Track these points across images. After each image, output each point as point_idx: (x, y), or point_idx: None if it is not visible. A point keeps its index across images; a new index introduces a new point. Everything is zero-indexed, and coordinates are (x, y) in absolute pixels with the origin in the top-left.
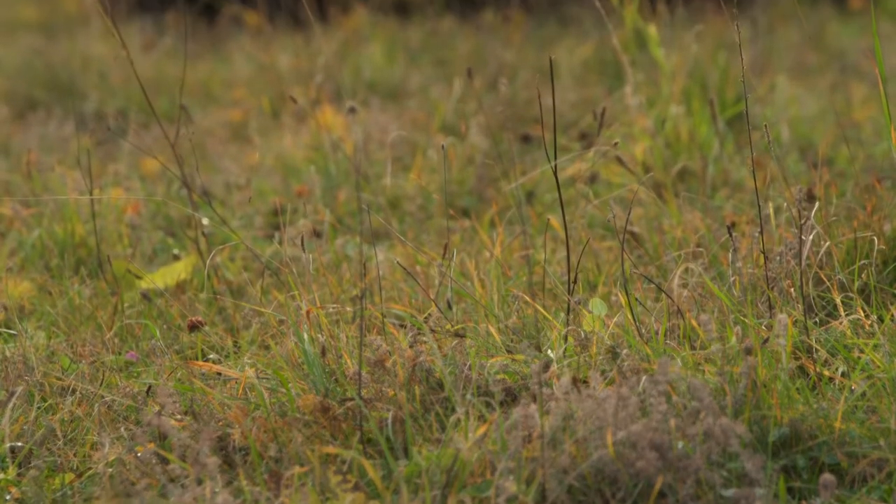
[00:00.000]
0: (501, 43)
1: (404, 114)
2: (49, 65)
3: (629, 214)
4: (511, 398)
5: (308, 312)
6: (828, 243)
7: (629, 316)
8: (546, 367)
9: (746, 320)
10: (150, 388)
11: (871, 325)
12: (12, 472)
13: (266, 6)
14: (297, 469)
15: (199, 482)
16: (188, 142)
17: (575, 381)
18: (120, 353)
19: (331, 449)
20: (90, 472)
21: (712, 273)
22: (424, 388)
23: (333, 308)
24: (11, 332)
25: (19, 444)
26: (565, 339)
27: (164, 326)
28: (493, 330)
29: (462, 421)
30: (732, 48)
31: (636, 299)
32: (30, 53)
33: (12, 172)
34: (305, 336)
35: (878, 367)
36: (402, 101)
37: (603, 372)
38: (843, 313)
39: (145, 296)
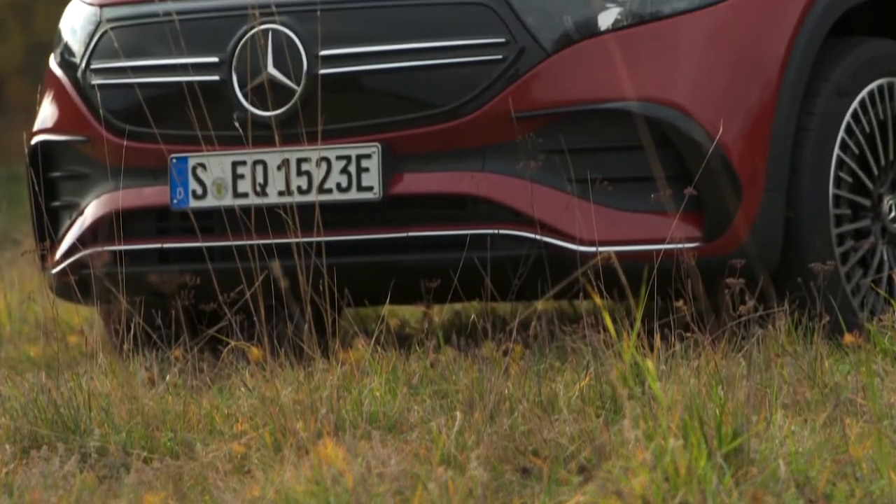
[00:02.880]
0: (501, 375)
1: (405, 446)
2: (53, 402)
3: None
4: None
5: None
6: None
7: None
8: None
9: None
10: None
11: None
12: None
13: (269, 341)
14: None
15: None
16: (189, 477)
17: None
18: None
19: None
20: None
21: None
22: None
23: None
24: None
25: None
26: None
27: None
28: None
29: None
30: (729, 383)
31: None
32: (34, 391)
33: None
34: None
35: None
36: (403, 434)
37: None
38: None
39: None
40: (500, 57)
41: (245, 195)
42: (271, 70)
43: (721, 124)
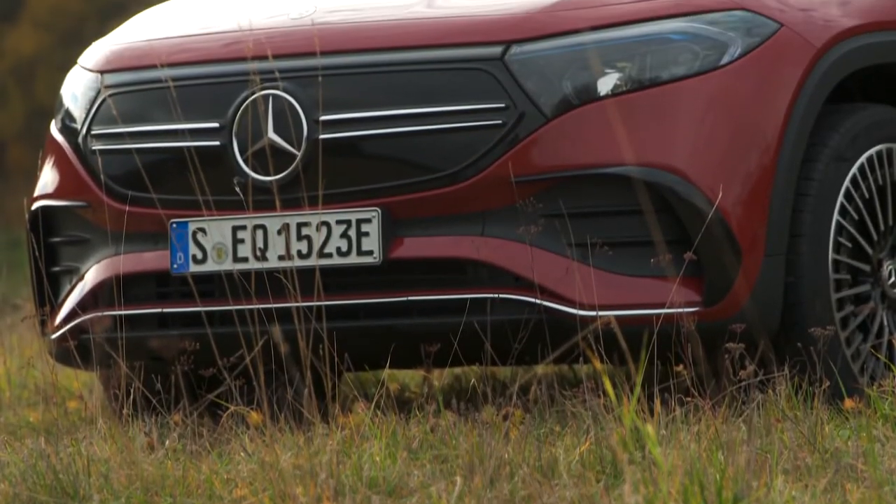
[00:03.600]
0: (501, 439)
1: None
2: (52, 468)
3: None
4: None
5: None
6: None
7: None
8: None
9: None
10: None
11: None
12: None
13: (269, 405)
14: None
15: None
16: None
17: None
18: None
19: None
20: None
21: None
22: None
23: None
24: None
25: None
26: None
27: None
28: None
29: None
30: (730, 447)
31: None
32: (33, 457)
33: None
34: None
35: None
36: (403, 499)
37: None
38: None
39: None
40: (499, 122)
41: (245, 260)
42: (271, 135)
43: (720, 189)
